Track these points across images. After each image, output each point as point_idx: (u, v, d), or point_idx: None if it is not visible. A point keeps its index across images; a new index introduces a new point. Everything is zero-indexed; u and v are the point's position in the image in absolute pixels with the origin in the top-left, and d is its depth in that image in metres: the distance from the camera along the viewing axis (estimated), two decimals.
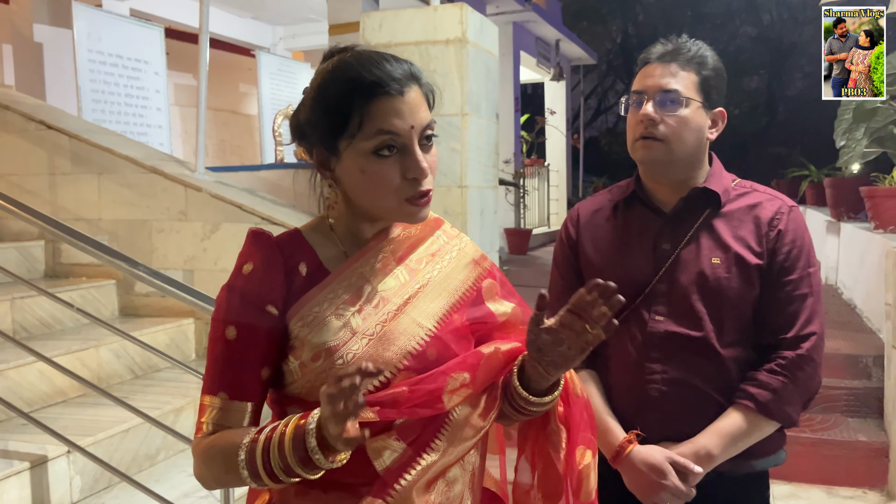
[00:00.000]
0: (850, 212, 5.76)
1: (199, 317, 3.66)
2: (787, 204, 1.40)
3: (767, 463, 1.43)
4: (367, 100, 0.95)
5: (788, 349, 1.33)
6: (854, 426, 3.31)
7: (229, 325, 0.99)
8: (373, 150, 0.96)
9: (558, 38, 10.12)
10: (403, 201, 0.98)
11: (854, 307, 4.80)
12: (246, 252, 1.03)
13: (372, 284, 1.03)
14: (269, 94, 7.58)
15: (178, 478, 2.63)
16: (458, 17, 3.15)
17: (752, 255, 1.36)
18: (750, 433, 1.33)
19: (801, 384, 1.32)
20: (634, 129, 1.39)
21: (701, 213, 1.40)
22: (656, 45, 1.42)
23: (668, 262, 1.38)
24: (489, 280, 1.12)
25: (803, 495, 3.08)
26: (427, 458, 0.98)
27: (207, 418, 1.00)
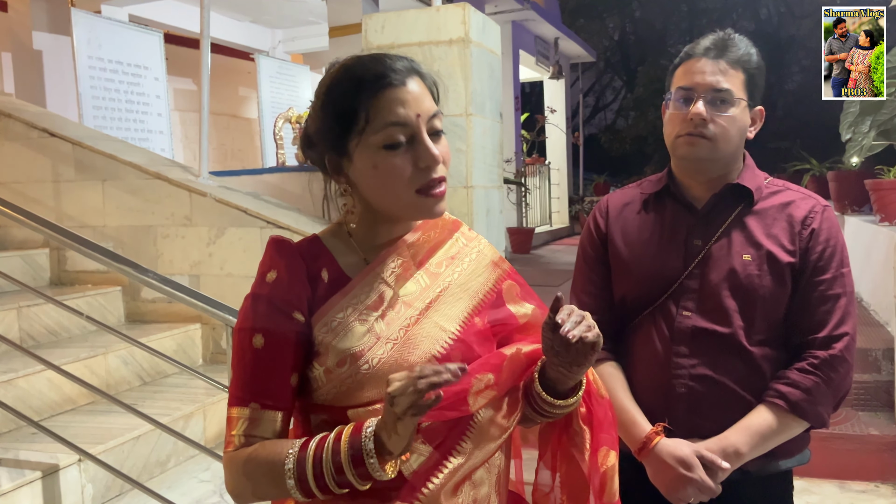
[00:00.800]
0: (855, 205, 5.75)
1: (206, 322, 3.65)
2: (820, 203, 1.39)
3: (793, 462, 1.42)
4: (371, 94, 0.96)
5: (821, 349, 1.31)
6: (865, 420, 3.30)
7: (256, 333, 0.97)
8: (382, 143, 0.96)
9: (557, 37, 10.11)
10: (416, 194, 0.98)
11: (861, 300, 4.79)
12: (268, 260, 1.02)
13: (393, 289, 1.03)
14: (269, 98, 7.56)
15: (190, 484, 2.62)
16: (461, 17, 3.14)
17: (785, 253, 1.34)
18: (779, 432, 1.31)
19: (834, 385, 1.31)
20: (679, 126, 1.37)
21: (733, 210, 1.39)
22: (704, 39, 1.39)
23: (699, 258, 1.37)
24: (509, 282, 1.12)
25: (816, 490, 3.07)
26: (453, 462, 0.98)
27: (238, 430, 0.97)
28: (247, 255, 3.57)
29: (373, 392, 0.96)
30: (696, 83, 1.34)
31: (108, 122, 5.65)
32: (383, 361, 0.97)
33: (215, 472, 2.70)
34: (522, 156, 8.85)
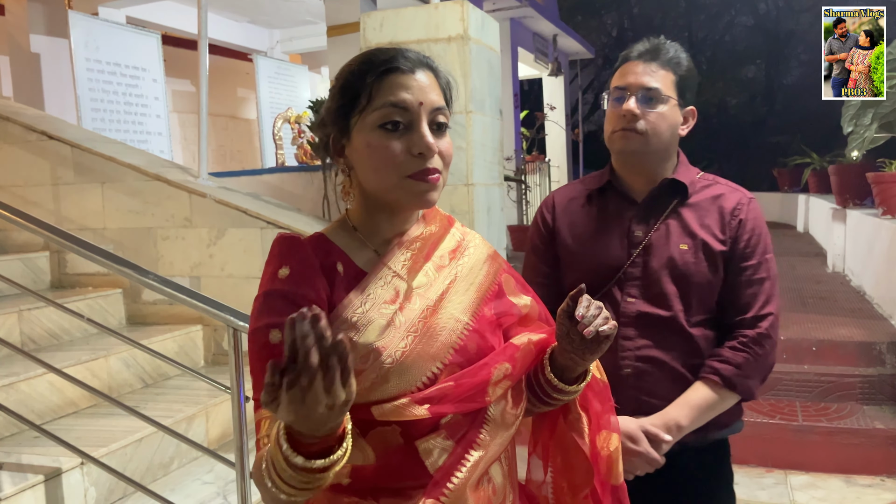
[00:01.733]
0: (856, 198, 5.74)
1: (208, 323, 3.64)
2: (746, 196, 1.51)
3: (726, 433, 1.53)
4: (377, 76, 0.98)
5: (749, 328, 1.43)
6: (870, 414, 3.29)
7: (272, 329, 0.94)
8: (379, 122, 0.97)
9: (555, 33, 10.09)
10: (406, 178, 0.98)
11: (864, 294, 4.78)
12: (277, 257, 1.00)
13: (406, 282, 1.03)
14: (267, 98, 7.56)
15: (193, 486, 2.61)
16: (460, 14, 3.13)
17: (717, 241, 1.46)
18: (715, 405, 1.42)
19: (761, 360, 1.43)
20: (615, 122, 1.48)
21: (670, 203, 1.50)
22: (637, 45, 1.51)
23: (640, 248, 1.48)
24: (506, 275, 1.15)
25: (821, 485, 3.06)
26: (474, 455, 0.99)
27: (264, 432, 0.92)
28: (247, 256, 3.56)
29: (396, 386, 0.95)
30: (629, 83, 1.47)
31: (106, 125, 5.65)
32: (406, 354, 0.96)
33: (218, 474, 2.69)
34: (522, 153, 8.83)
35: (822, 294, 4.89)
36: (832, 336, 3.70)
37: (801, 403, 3.44)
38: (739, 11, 19.83)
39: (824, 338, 3.68)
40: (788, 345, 3.68)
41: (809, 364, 3.59)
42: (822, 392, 3.47)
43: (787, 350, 3.67)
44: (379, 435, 0.96)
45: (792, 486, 3.06)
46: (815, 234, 8.12)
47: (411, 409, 0.94)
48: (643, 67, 1.47)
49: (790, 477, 3.15)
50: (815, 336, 3.71)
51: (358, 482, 0.98)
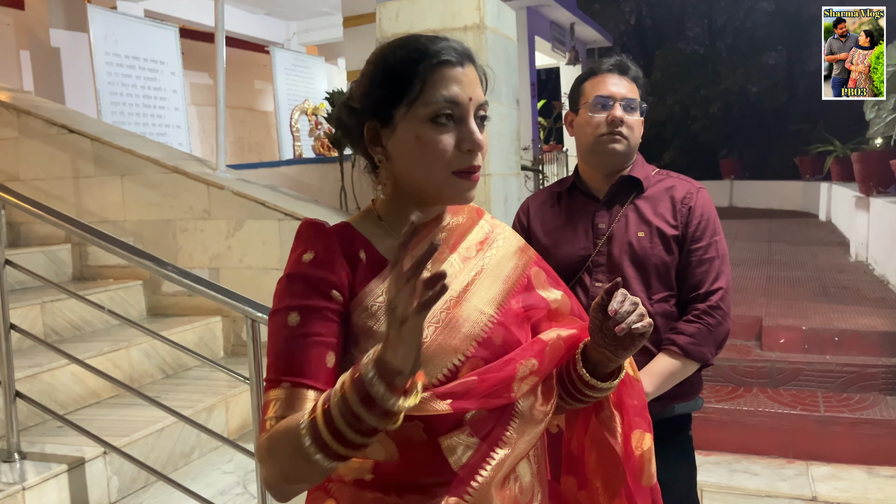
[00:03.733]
0: (880, 186, 5.65)
1: (227, 314, 3.66)
2: (695, 186, 1.71)
3: (687, 407, 1.71)
4: (430, 67, 0.96)
5: (701, 302, 1.62)
6: (893, 405, 3.26)
7: (291, 311, 0.93)
8: (431, 116, 0.96)
9: (573, 22, 10.01)
10: (452, 175, 0.97)
11: (887, 283, 4.71)
12: (303, 241, 0.99)
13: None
14: (284, 90, 7.57)
15: (214, 475, 2.63)
16: (476, 3, 3.11)
17: (670, 227, 1.65)
18: (676, 373, 1.59)
19: (713, 329, 1.60)
20: (601, 127, 1.65)
21: (628, 197, 1.70)
22: (605, 60, 1.71)
23: (604, 238, 1.68)
24: (536, 268, 1.12)
25: (844, 476, 3.04)
26: (500, 453, 0.97)
27: (271, 413, 0.90)
28: (265, 248, 3.57)
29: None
30: (613, 93, 1.65)
31: (125, 118, 5.69)
32: (426, 345, 0.94)
33: (238, 464, 2.71)
34: (539, 143, 8.79)
35: (845, 283, 4.83)
36: (855, 326, 3.66)
37: (823, 394, 3.41)
38: None
39: (847, 328, 3.63)
40: (810, 335, 3.64)
41: (832, 354, 3.56)
42: (845, 383, 3.43)
43: (808, 340, 3.64)
44: (403, 431, 0.90)
45: (813, 478, 3.04)
46: (838, 222, 8.01)
47: (433, 403, 0.92)
48: (619, 79, 1.66)
49: (812, 468, 3.12)
50: (837, 326, 3.66)
51: (381, 478, 0.96)
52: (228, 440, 2.25)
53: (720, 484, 3.00)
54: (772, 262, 5.69)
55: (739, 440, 3.10)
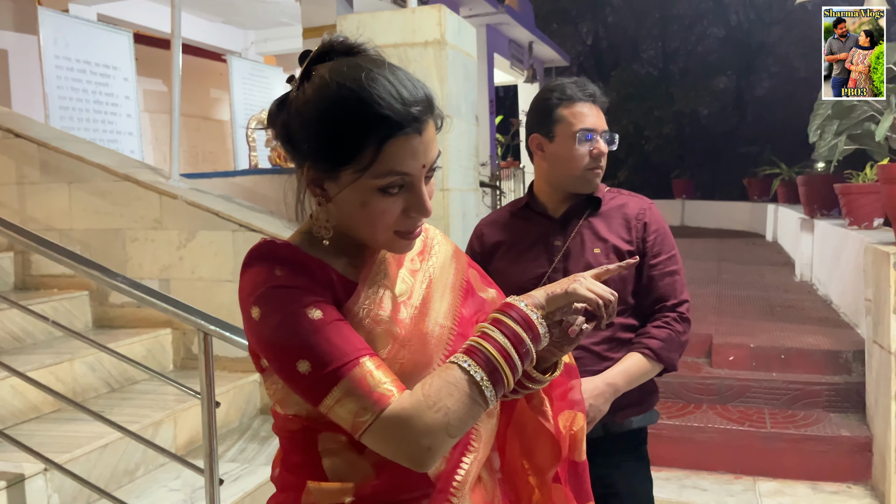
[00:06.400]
0: (823, 209, 5.84)
1: (177, 327, 3.58)
2: (647, 202, 1.78)
3: (644, 420, 1.78)
4: (384, 138, 0.89)
5: (670, 311, 1.70)
6: (836, 421, 3.35)
7: (307, 308, 0.89)
8: (380, 187, 0.91)
9: (531, 41, 10.15)
10: (395, 235, 0.96)
11: (830, 303, 4.86)
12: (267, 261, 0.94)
13: (390, 291, 1.01)
14: (241, 100, 7.48)
15: (160, 493, 2.56)
16: (437, 19, 3.12)
17: (625, 243, 1.71)
18: (643, 372, 1.67)
19: (680, 336, 1.69)
20: (587, 161, 1.70)
21: (582, 215, 1.75)
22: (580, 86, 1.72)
23: (560, 255, 1.72)
24: (472, 270, 1.15)
25: (789, 491, 3.10)
26: (469, 457, 1.00)
27: (381, 379, 0.87)
28: (218, 259, 3.51)
29: None
30: (595, 125, 1.70)
31: (75, 123, 5.53)
32: (403, 364, 0.94)
33: (185, 481, 2.64)
34: (497, 159, 8.86)
35: (791, 303, 4.96)
36: (800, 344, 3.76)
37: (770, 411, 3.49)
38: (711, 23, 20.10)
39: (792, 346, 3.73)
40: (758, 352, 3.73)
41: (778, 372, 3.64)
42: (790, 399, 3.52)
43: (756, 358, 3.72)
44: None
45: (760, 493, 3.10)
46: (784, 243, 8.25)
47: None
48: (596, 110, 1.71)
49: (759, 483, 3.18)
50: (783, 344, 3.76)
51: (361, 500, 0.96)
52: (177, 456, 2.19)
53: (670, 499, 3.04)
54: (721, 281, 5.82)
55: (689, 456, 3.15)
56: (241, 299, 0.95)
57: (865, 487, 3.10)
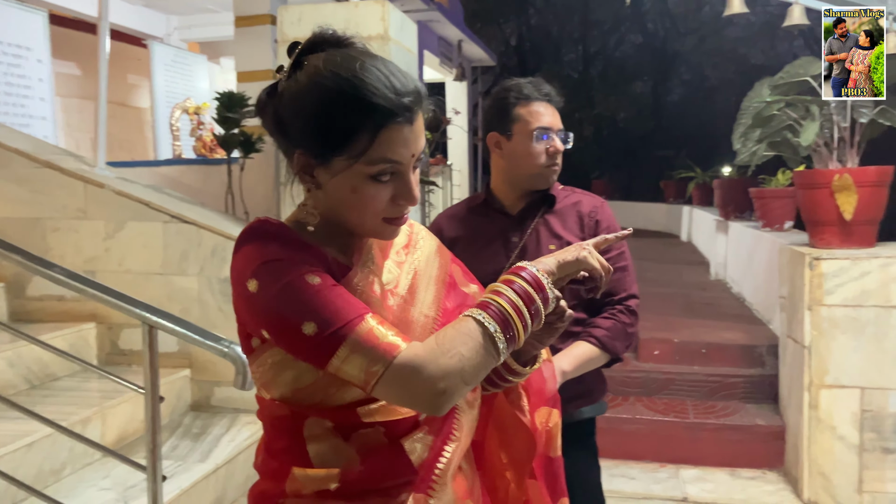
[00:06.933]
0: (737, 211, 6.16)
1: (102, 321, 3.44)
2: (599, 200, 1.86)
3: (593, 411, 1.86)
4: (378, 126, 0.92)
5: (618, 304, 1.77)
6: (752, 412, 3.55)
7: (306, 275, 0.90)
8: (371, 174, 0.94)
9: (461, 39, 10.21)
10: (383, 221, 0.98)
11: (744, 300, 5.14)
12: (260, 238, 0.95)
13: (378, 280, 1.03)
14: (163, 87, 7.23)
15: (89, 493, 2.46)
16: (381, 14, 3.12)
17: (579, 239, 1.75)
18: (591, 360, 1.73)
19: (626, 327, 1.76)
20: (544, 159, 1.75)
21: (538, 212, 1.80)
22: (536, 85, 1.77)
23: (517, 251, 1.77)
24: (454, 265, 1.19)
25: (710, 478, 3.27)
26: (450, 447, 1.03)
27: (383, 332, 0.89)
28: (148, 251, 3.39)
29: None
30: (551, 124, 1.75)
31: None
32: None
33: (116, 479, 2.55)
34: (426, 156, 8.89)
35: (708, 300, 5.22)
36: (719, 339, 3.96)
37: (692, 402, 3.66)
38: (629, 29, 20.78)
39: (712, 341, 3.93)
40: (681, 347, 3.91)
41: (699, 365, 3.83)
42: (710, 391, 3.71)
43: (679, 352, 3.90)
44: (362, 437, 0.96)
45: (684, 480, 3.26)
46: (698, 243, 8.64)
47: (398, 407, 0.96)
48: (552, 109, 1.76)
49: (682, 471, 3.34)
50: (703, 339, 3.96)
51: (346, 486, 0.97)
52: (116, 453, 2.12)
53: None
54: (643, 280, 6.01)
55: (618, 446, 3.28)
56: (235, 277, 0.95)
57: (779, 473, 3.30)
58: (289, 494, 0.98)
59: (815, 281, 2.97)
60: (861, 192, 3.00)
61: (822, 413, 2.96)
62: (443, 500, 1.01)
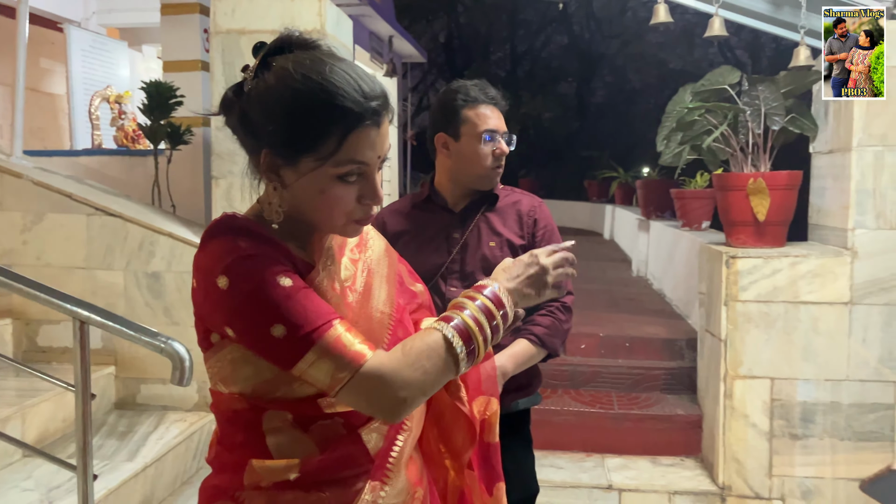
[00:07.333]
0: (658, 211, 6.41)
1: (18, 316, 3.30)
2: (537, 200, 1.95)
3: (529, 402, 1.95)
4: (348, 129, 0.95)
5: (554, 302, 1.83)
6: (672, 402, 3.72)
7: (278, 276, 0.92)
8: (338, 175, 0.96)
9: (391, 35, 10.21)
10: (348, 220, 1.01)
11: (664, 296, 5.36)
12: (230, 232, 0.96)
13: (338, 277, 1.06)
14: (80, 74, 6.92)
15: (12, 494, 2.37)
16: (317, 9, 3.11)
17: (517, 237, 1.86)
18: (530, 357, 1.81)
19: (562, 324, 1.85)
20: (491, 160, 1.83)
21: (480, 210, 1.88)
22: (483, 88, 1.84)
23: (458, 247, 1.85)
24: (401, 265, 1.23)
25: (632, 466, 3.42)
26: (402, 436, 1.07)
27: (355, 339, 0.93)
28: (69, 245, 3.27)
29: None
30: (498, 127, 1.83)
31: None
32: None
33: (39, 480, 2.47)
34: None
35: (631, 296, 5.42)
36: (641, 333, 4.13)
37: (616, 394, 3.81)
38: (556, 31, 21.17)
39: (635, 335, 4.10)
40: (606, 341, 4.05)
41: (623, 358, 3.98)
42: (633, 383, 3.86)
43: (604, 346, 4.04)
44: (321, 429, 0.99)
45: (608, 468, 3.39)
46: (620, 241, 8.93)
47: None
48: (497, 112, 1.84)
49: (607, 460, 3.47)
50: (627, 333, 4.11)
51: (305, 476, 0.99)
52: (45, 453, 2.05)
53: None
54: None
55: (547, 437, 3.37)
56: (203, 271, 0.96)
57: (696, 460, 3.48)
58: (246, 487, 1.00)
59: (731, 278, 3.14)
60: (773, 195, 3.19)
61: (736, 402, 3.14)
62: (396, 487, 1.05)
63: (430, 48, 20.74)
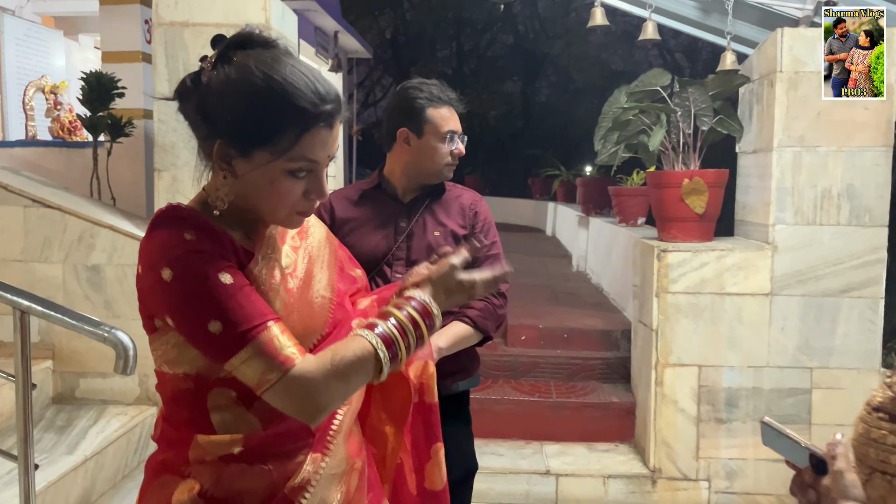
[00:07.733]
0: (597, 208, 6.60)
1: None
2: (478, 196, 2.08)
3: (468, 384, 2.04)
4: (304, 128, 1.01)
5: None
6: (608, 391, 3.87)
7: (219, 273, 0.97)
8: (289, 170, 1.02)
9: (337, 30, 10.18)
10: (294, 213, 1.07)
11: (602, 290, 5.54)
12: (175, 223, 1.01)
13: (278, 265, 1.10)
14: (13, 63, 6.71)
15: None
16: (262, 4, 3.12)
17: (460, 227, 1.97)
18: (465, 338, 1.90)
19: (497, 310, 1.94)
20: (448, 158, 1.95)
21: (426, 201, 1.99)
22: (443, 89, 1.96)
23: (404, 235, 1.94)
24: (341, 251, 1.29)
25: (570, 452, 3.55)
26: (343, 409, 1.13)
27: (286, 344, 0.98)
28: (6, 237, 3.22)
29: None
30: (457, 128, 1.95)
31: None
32: (294, 328, 1.04)
33: None
34: None
35: (571, 290, 5.58)
36: (580, 325, 4.28)
37: (555, 383, 3.94)
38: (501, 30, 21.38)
39: (574, 326, 4.24)
40: (545, 333, 4.18)
41: (562, 349, 4.12)
42: (571, 373, 4.00)
43: (544, 337, 4.17)
44: (264, 405, 1.02)
45: (547, 455, 3.51)
46: (562, 237, 9.13)
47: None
48: (454, 113, 1.95)
49: (545, 447, 3.60)
50: (566, 325, 4.25)
51: (249, 450, 1.04)
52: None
53: None
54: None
55: (488, 426, 3.47)
56: (148, 260, 1.00)
57: (630, 445, 3.63)
58: (192, 462, 1.04)
59: (662, 271, 3.29)
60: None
61: (666, 389, 3.30)
62: (336, 458, 1.11)
63: (375, 44, 20.67)
